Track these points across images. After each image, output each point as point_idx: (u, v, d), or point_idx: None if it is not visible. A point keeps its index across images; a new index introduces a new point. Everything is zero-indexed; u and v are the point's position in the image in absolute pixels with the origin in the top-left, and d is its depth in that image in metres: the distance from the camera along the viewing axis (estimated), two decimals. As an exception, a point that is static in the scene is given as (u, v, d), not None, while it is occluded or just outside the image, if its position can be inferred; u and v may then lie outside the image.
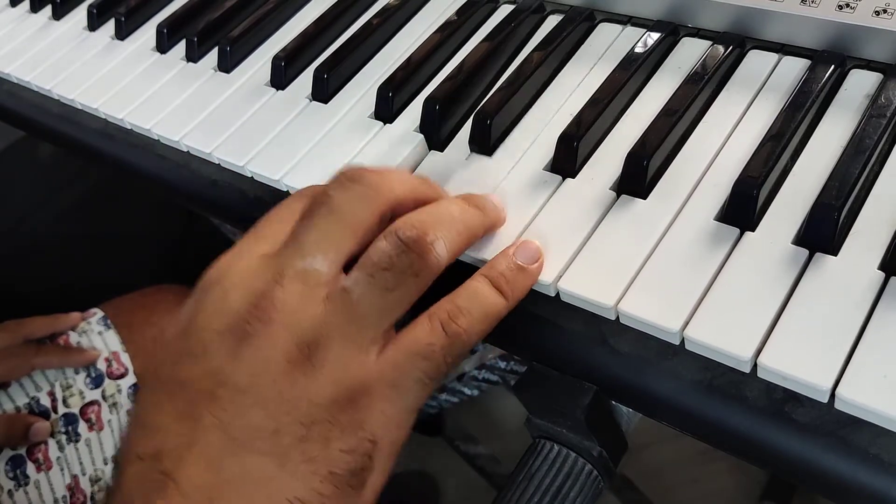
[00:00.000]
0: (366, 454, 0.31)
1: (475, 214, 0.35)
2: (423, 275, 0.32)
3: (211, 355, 0.31)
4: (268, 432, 0.30)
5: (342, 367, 0.31)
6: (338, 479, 0.30)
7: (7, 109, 0.57)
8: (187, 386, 0.31)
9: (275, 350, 0.30)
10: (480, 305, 0.33)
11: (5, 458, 0.71)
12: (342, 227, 0.32)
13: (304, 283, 0.31)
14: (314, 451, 0.30)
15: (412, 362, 0.32)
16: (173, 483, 0.29)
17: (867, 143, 0.34)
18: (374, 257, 0.32)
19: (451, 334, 0.32)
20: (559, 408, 0.34)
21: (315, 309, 0.31)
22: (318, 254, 0.32)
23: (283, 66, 0.48)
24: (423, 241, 0.32)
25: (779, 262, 0.32)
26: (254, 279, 0.32)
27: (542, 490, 0.34)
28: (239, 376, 0.30)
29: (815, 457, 0.28)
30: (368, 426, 0.31)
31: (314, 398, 0.30)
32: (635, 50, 0.42)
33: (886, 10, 0.37)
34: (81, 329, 0.78)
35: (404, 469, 1.17)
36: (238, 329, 0.31)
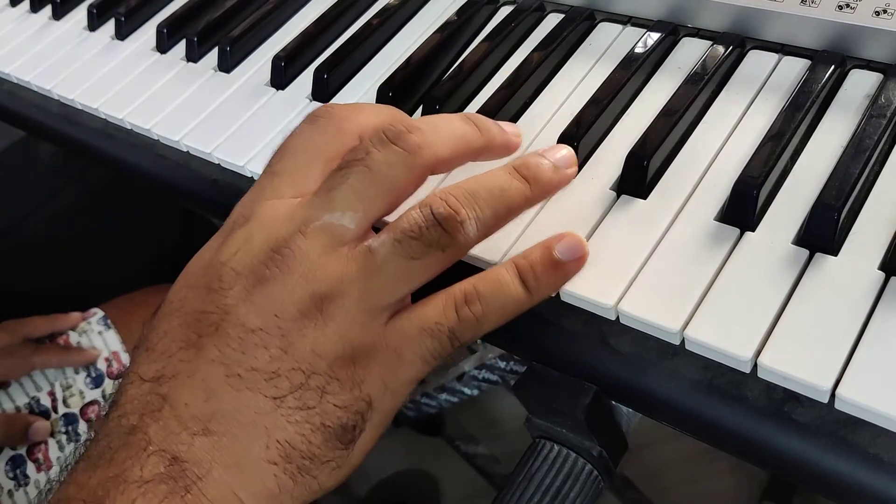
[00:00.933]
0: (359, 413, 0.31)
1: (519, 190, 0.33)
2: (450, 251, 0.32)
3: (226, 292, 0.31)
4: (268, 373, 0.30)
5: (351, 325, 0.31)
6: (328, 432, 0.31)
7: (7, 109, 0.57)
8: (198, 317, 0.31)
9: (289, 298, 0.31)
10: (501, 296, 0.32)
11: (5, 458, 0.71)
12: (377, 188, 0.32)
13: (329, 237, 0.31)
14: (310, 401, 0.30)
15: (420, 337, 0.31)
16: (169, 407, 0.30)
17: (867, 143, 0.34)
18: (405, 224, 0.31)
19: (462, 318, 0.32)
20: (559, 408, 0.34)
21: (335, 264, 0.31)
22: (349, 210, 0.32)
23: (283, 66, 0.48)
24: (454, 219, 0.31)
25: (779, 262, 0.32)
26: (280, 225, 0.32)
27: (542, 490, 0.34)
28: (249, 316, 0.31)
29: (815, 457, 0.28)
30: (366, 387, 0.31)
31: (318, 350, 0.31)
32: (635, 50, 0.42)
33: (886, 11, 0.37)
34: (81, 329, 0.78)
35: (404, 469, 1.17)
36: (257, 272, 0.31)
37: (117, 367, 0.76)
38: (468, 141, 0.35)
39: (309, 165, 0.34)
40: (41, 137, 0.57)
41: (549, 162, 0.35)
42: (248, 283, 0.31)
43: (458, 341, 0.32)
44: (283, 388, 0.30)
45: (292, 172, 0.34)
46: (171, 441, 0.30)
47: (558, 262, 0.33)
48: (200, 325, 0.31)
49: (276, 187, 0.34)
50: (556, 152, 0.36)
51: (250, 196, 0.34)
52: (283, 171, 0.34)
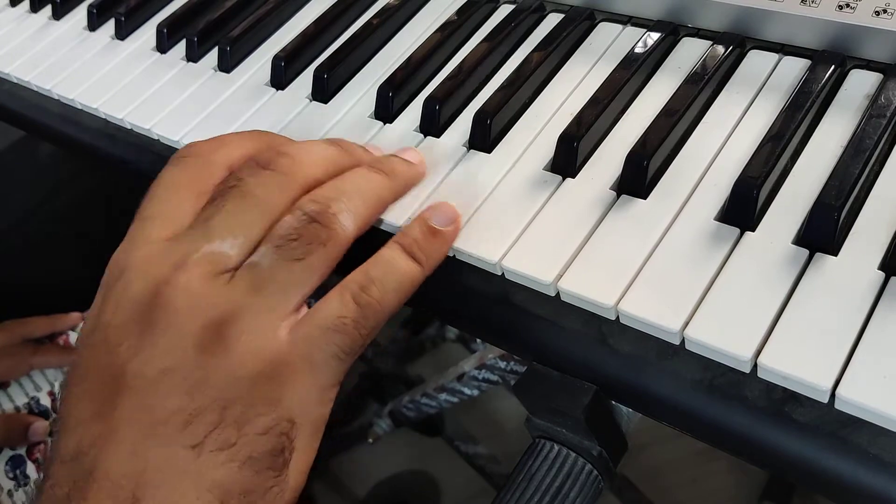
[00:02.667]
0: (283, 434, 0.30)
1: (381, 182, 0.35)
2: (331, 245, 0.32)
3: (118, 349, 0.30)
4: (179, 423, 0.29)
5: (253, 343, 0.30)
6: (257, 463, 0.29)
7: (7, 109, 0.57)
8: (101, 378, 0.30)
9: (181, 336, 0.30)
10: (393, 275, 0.32)
11: (5, 458, 0.71)
12: (254, 211, 0.32)
13: (210, 265, 0.31)
14: (230, 437, 0.29)
15: (325, 336, 0.31)
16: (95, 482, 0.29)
17: (867, 143, 0.34)
18: (281, 230, 0.31)
19: (363, 305, 0.31)
20: (559, 408, 0.34)
21: (221, 289, 0.31)
22: (228, 237, 0.31)
23: (283, 66, 0.48)
24: (327, 212, 0.32)
25: (779, 262, 0.32)
26: (155, 266, 0.31)
27: (542, 490, 0.34)
28: (147, 366, 0.30)
29: (815, 457, 0.28)
30: (285, 404, 0.30)
31: (225, 378, 0.30)
32: (635, 50, 0.42)
33: (886, 10, 0.37)
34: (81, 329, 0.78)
35: (404, 469, 1.17)
36: (142, 319, 0.30)
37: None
38: (336, 161, 0.35)
39: (179, 204, 0.33)
40: (41, 137, 0.57)
41: (398, 158, 0.37)
42: (136, 333, 0.30)
43: (364, 330, 0.31)
44: (198, 434, 0.29)
45: (162, 214, 0.33)
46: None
47: (436, 230, 0.34)
48: (105, 387, 0.30)
49: (146, 232, 0.33)
50: (403, 152, 0.38)
51: (122, 247, 0.33)
52: (152, 215, 0.33)
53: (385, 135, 0.43)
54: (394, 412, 1.00)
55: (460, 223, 0.34)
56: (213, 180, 0.34)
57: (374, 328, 0.32)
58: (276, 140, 0.38)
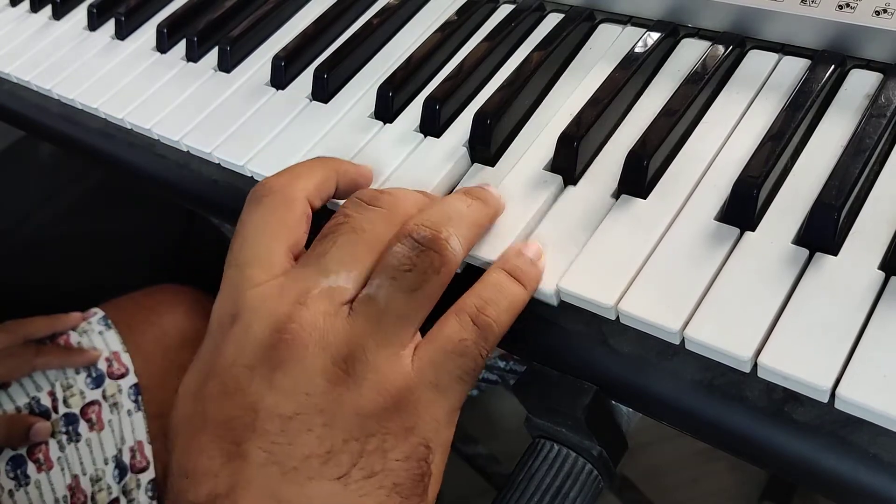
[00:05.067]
0: (422, 459, 0.31)
1: (480, 207, 0.35)
2: (444, 271, 0.32)
3: (246, 390, 0.30)
4: (322, 456, 0.29)
5: (382, 375, 0.30)
6: (403, 489, 0.30)
7: (7, 109, 0.57)
8: (228, 425, 0.30)
9: (312, 371, 0.30)
10: (504, 295, 0.33)
11: (6, 459, 0.71)
12: (364, 245, 0.32)
13: (329, 301, 0.31)
14: (375, 466, 0.29)
15: (449, 360, 0.31)
16: None
17: (867, 142, 0.34)
18: (394, 261, 0.32)
19: (482, 326, 0.32)
20: (559, 408, 0.34)
21: (343, 323, 0.31)
22: (343, 271, 0.32)
23: (283, 66, 0.48)
24: (439, 238, 0.32)
25: (779, 262, 0.32)
26: (275, 306, 0.31)
27: (542, 490, 0.34)
28: (280, 405, 0.29)
29: (815, 456, 0.28)
30: (419, 431, 0.31)
31: (361, 411, 0.30)
32: (635, 50, 0.42)
33: (886, 10, 0.37)
34: (82, 329, 0.78)
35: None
36: (269, 358, 0.30)
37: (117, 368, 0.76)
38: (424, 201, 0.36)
39: (270, 245, 0.33)
40: (41, 137, 0.57)
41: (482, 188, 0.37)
42: (265, 373, 0.30)
43: (485, 350, 0.32)
44: (344, 465, 0.29)
45: (259, 258, 0.33)
46: None
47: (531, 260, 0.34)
48: (234, 432, 0.30)
49: (249, 277, 0.33)
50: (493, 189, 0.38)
51: (225, 294, 0.33)
52: (248, 261, 0.33)
53: (385, 135, 0.43)
54: (394, 412, 1.00)
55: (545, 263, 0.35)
56: (295, 215, 0.34)
57: (492, 349, 0.32)
58: (342, 165, 0.39)
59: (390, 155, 0.42)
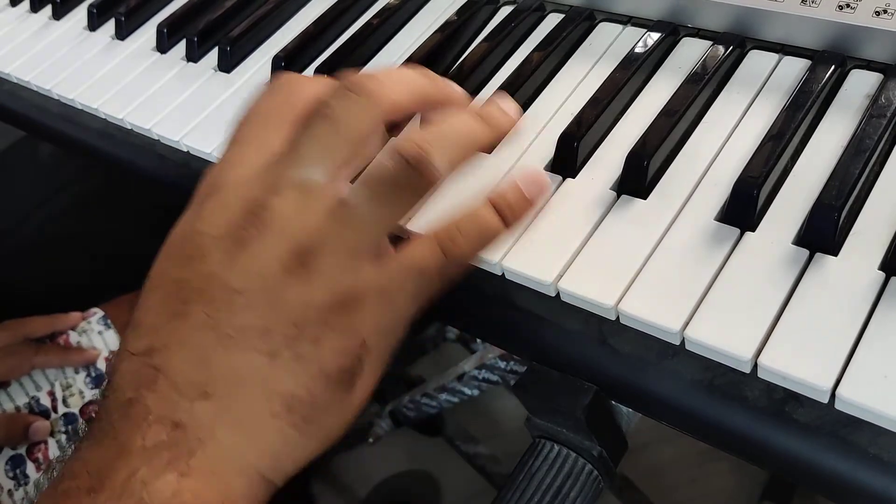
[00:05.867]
0: (356, 356, 0.32)
1: (482, 130, 0.36)
2: (421, 189, 0.33)
3: (208, 259, 0.32)
4: (259, 331, 0.31)
5: (337, 273, 0.32)
6: (328, 379, 0.31)
7: (7, 109, 0.57)
8: (182, 286, 0.32)
9: (271, 256, 0.31)
10: (482, 231, 0.34)
11: (5, 458, 0.71)
12: (340, 137, 0.33)
13: (301, 193, 0.32)
14: (305, 350, 0.31)
15: (408, 276, 0.32)
16: (164, 376, 0.30)
17: (867, 143, 0.34)
18: (376, 172, 0.33)
19: (448, 254, 0.33)
20: (559, 408, 0.34)
21: (312, 218, 0.32)
22: (317, 164, 0.33)
23: (283, 66, 0.48)
24: (424, 158, 0.32)
25: (779, 262, 0.32)
26: (251, 188, 0.33)
27: (542, 490, 0.34)
28: (234, 279, 0.31)
29: (816, 457, 0.28)
30: (359, 330, 0.32)
31: (308, 302, 0.31)
32: (635, 50, 0.42)
33: (886, 11, 0.37)
34: (81, 328, 0.78)
35: (404, 469, 1.17)
36: (235, 235, 0.32)
37: (117, 367, 0.76)
38: (424, 90, 0.36)
39: (270, 129, 0.35)
40: (41, 137, 0.57)
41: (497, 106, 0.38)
42: (228, 247, 0.32)
43: (445, 277, 0.33)
44: (276, 343, 0.31)
45: (256, 138, 0.35)
46: (170, 409, 0.30)
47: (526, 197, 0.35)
48: (184, 293, 0.32)
49: (241, 155, 0.34)
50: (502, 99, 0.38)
51: (219, 166, 0.35)
52: (246, 139, 0.35)
53: (385, 135, 0.43)
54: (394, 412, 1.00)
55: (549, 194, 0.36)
56: (300, 107, 0.35)
57: (454, 278, 0.33)
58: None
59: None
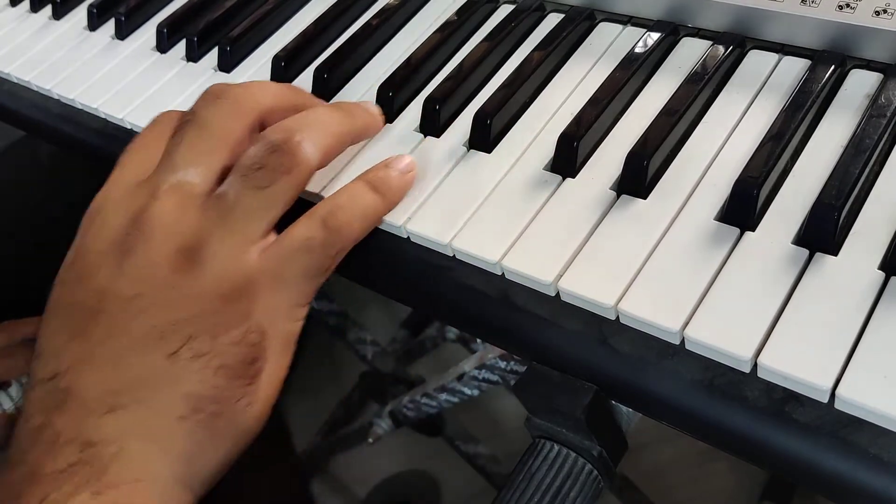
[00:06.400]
0: (254, 344, 0.32)
1: (342, 118, 0.37)
2: (296, 172, 0.34)
3: (97, 274, 0.33)
4: (156, 334, 0.31)
5: (224, 264, 0.32)
6: (229, 372, 0.32)
7: (7, 109, 0.57)
8: (78, 307, 0.33)
9: (157, 259, 0.32)
10: (359, 203, 0.35)
11: (5, 459, 0.71)
12: (211, 140, 0.34)
13: (179, 195, 0.33)
14: (203, 347, 0.31)
15: (294, 256, 0.33)
16: (71, 398, 0.31)
17: (867, 143, 0.34)
18: (247, 161, 0.34)
19: (330, 228, 0.33)
20: (559, 408, 0.34)
21: (193, 216, 0.33)
22: (190, 167, 0.34)
23: (283, 66, 0.48)
24: (291, 140, 0.34)
25: (779, 262, 0.32)
26: (131, 200, 0.34)
27: (542, 490, 0.34)
28: (124, 288, 0.32)
29: (816, 457, 0.28)
30: (254, 317, 0.32)
31: (198, 296, 0.32)
32: (635, 50, 0.42)
33: (886, 10, 0.37)
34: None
35: (404, 469, 1.17)
36: (120, 246, 0.33)
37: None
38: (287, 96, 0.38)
39: (147, 151, 0.37)
40: (41, 137, 0.57)
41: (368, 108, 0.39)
42: (115, 259, 0.33)
43: (331, 250, 0.34)
44: (174, 344, 0.31)
45: (134, 161, 0.37)
46: (80, 428, 0.30)
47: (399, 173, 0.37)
48: (81, 313, 0.32)
49: (121, 176, 0.36)
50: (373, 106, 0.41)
51: (101, 192, 0.36)
52: (125, 163, 0.37)
53: (385, 134, 0.43)
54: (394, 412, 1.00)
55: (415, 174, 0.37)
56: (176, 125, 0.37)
57: (340, 251, 0.34)
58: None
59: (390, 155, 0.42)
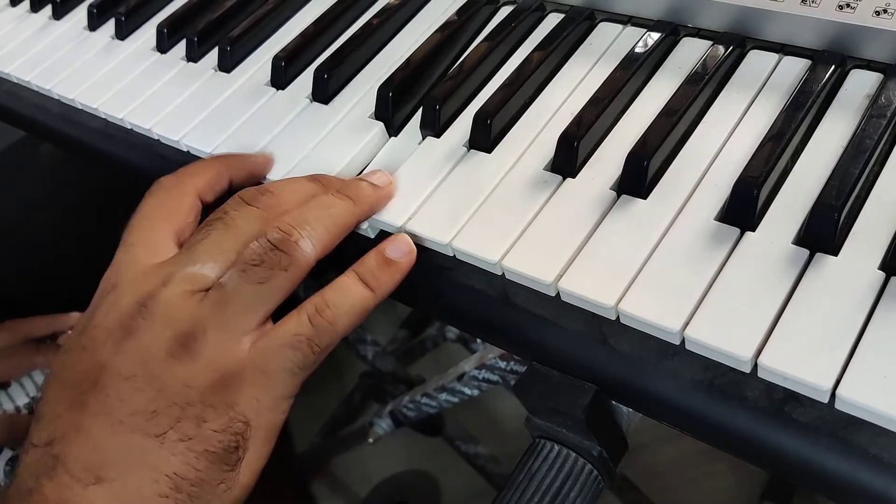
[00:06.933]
0: (238, 434, 0.34)
1: (345, 208, 0.37)
2: (292, 269, 0.35)
3: (100, 349, 0.34)
4: (147, 414, 0.33)
5: (216, 354, 0.34)
6: (212, 457, 0.33)
7: (7, 109, 0.57)
8: (79, 377, 0.34)
9: (155, 342, 0.34)
10: (347, 299, 0.35)
11: (5, 458, 0.71)
12: (234, 241, 0.36)
13: (189, 284, 0.35)
14: (189, 431, 0.33)
15: (281, 351, 0.34)
16: (61, 465, 0.32)
17: (867, 143, 0.34)
18: (247, 256, 0.35)
19: (316, 326, 0.35)
20: (559, 408, 0.34)
21: (193, 305, 0.34)
22: (209, 261, 0.35)
23: (283, 66, 0.48)
24: (289, 240, 0.35)
25: (779, 262, 0.32)
26: (145, 283, 0.35)
27: (542, 490, 0.34)
28: (122, 366, 0.33)
29: (816, 457, 0.28)
30: (240, 408, 0.34)
31: (189, 383, 0.33)
32: (636, 50, 0.42)
33: (886, 10, 0.37)
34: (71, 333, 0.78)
35: (404, 469, 1.17)
36: (125, 325, 0.34)
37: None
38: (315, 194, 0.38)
39: (156, 230, 0.38)
40: (41, 137, 0.57)
41: (367, 182, 0.39)
42: (118, 337, 0.34)
43: (318, 348, 0.35)
44: (162, 425, 0.33)
45: (145, 240, 0.37)
46: (66, 496, 0.32)
47: (390, 260, 0.37)
48: (81, 383, 0.34)
49: (133, 256, 0.37)
50: (372, 175, 0.40)
51: (112, 268, 0.37)
52: (136, 241, 0.38)
53: (385, 134, 0.43)
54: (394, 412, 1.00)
55: (414, 256, 0.37)
56: (183, 207, 0.39)
57: (328, 347, 0.35)
58: (234, 160, 0.43)
59: (392, 155, 0.42)
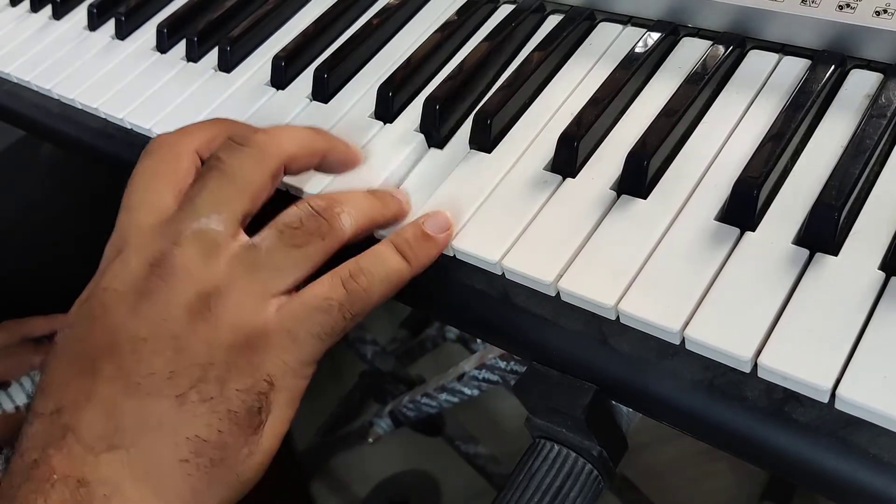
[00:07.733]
0: (262, 394, 0.32)
1: (377, 206, 0.37)
2: (329, 239, 0.34)
3: (113, 313, 0.33)
4: (165, 375, 0.31)
5: (241, 314, 0.32)
6: (235, 418, 0.31)
7: (7, 109, 0.57)
8: (88, 344, 0.32)
9: (175, 302, 0.32)
10: (382, 267, 0.34)
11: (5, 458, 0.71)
12: (234, 187, 0.34)
13: (201, 242, 0.33)
14: (211, 392, 0.31)
15: (310, 315, 0.33)
16: (72, 433, 0.30)
17: (867, 143, 0.34)
18: (286, 218, 0.34)
19: (350, 291, 0.33)
20: (559, 408, 0.34)
21: (217, 263, 0.33)
22: (213, 214, 0.34)
23: (283, 66, 0.48)
24: (332, 209, 0.34)
25: (779, 262, 0.32)
26: (153, 243, 0.34)
27: (542, 490, 0.34)
28: (138, 329, 0.32)
29: (815, 457, 0.28)
30: (265, 369, 0.32)
31: (212, 342, 0.32)
32: (635, 50, 0.42)
33: (886, 10, 0.37)
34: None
35: (404, 469, 1.17)
36: (138, 287, 0.33)
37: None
38: (311, 141, 0.38)
39: (158, 191, 0.36)
40: (41, 137, 0.57)
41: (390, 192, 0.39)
42: (132, 300, 0.32)
43: (349, 314, 0.33)
44: (182, 386, 0.31)
45: (146, 202, 0.36)
46: (76, 466, 0.30)
47: (428, 235, 0.36)
48: (92, 350, 0.32)
49: (135, 219, 0.35)
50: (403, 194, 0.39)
51: (116, 234, 0.36)
52: (137, 204, 0.36)
53: (385, 135, 0.43)
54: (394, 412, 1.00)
55: (453, 232, 0.36)
56: (183, 165, 0.37)
57: (358, 315, 0.34)
58: (235, 124, 0.41)
59: (390, 154, 0.42)
